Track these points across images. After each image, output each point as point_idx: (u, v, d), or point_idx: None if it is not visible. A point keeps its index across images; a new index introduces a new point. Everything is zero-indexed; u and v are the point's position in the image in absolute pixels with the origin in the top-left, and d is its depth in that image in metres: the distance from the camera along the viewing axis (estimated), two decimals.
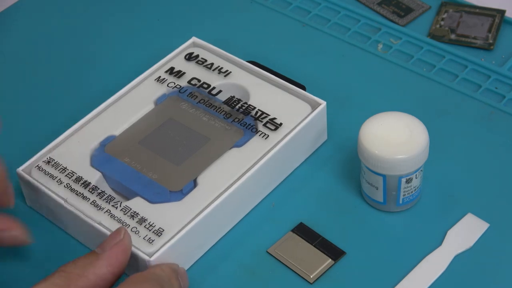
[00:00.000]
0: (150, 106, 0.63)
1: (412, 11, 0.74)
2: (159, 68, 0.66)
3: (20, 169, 0.60)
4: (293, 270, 0.56)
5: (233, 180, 0.58)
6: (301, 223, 0.59)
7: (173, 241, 0.55)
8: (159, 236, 0.55)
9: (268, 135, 0.60)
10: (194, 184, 0.58)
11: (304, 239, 0.58)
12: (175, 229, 0.56)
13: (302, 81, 0.67)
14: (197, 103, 0.63)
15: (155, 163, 0.59)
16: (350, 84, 0.68)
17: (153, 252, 0.54)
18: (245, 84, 0.64)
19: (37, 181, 0.59)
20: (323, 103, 0.62)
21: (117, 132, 0.62)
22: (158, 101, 0.64)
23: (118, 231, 0.53)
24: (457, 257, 0.56)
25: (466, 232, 0.58)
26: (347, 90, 0.68)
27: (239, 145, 0.60)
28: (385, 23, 0.73)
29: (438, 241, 0.57)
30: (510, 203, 0.59)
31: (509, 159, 0.62)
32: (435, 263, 0.56)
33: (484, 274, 0.56)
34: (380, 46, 0.71)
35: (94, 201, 0.57)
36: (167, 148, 0.60)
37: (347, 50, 0.71)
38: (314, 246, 0.57)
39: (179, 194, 0.57)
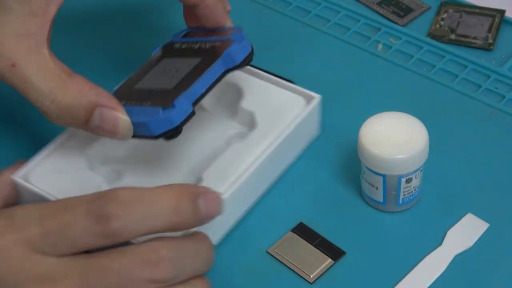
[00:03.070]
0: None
1: (412, 11, 0.74)
2: None
3: (16, 176, 0.58)
4: (293, 270, 0.56)
5: (236, 175, 0.58)
6: (301, 223, 0.59)
7: None
8: None
9: (268, 129, 0.60)
10: (199, 179, 0.58)
11: (304, 239, 0.58)
12: None
13: (302, 81, 0.67)
14: (189, 38, 0.63)
15: (148, 94, 0.58)
16: (350, 84, 0.68)
17: None
18: (237, 81, 0.64)
19: (37, 187, 0.58)
20: (318, 97, 0.62)
21: (116, 86, 0.61)
22: (153, 53, 0.63)
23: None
24: (457, 257, 0.56)
25: (466, 232, 0.58)
26: (347, 90, 0.68)
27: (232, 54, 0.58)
28: (385, 23, 0.73)
29: (438, 241, 0.57)
30: (510, 203, 0.59)
31: (509, 159, 0.62)
32: (435, 263, 0.56)
33: (484, 274, 0.56)
34: (380, 46, 0.71)
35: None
36: (160, 80, 0.59)
37: (347, 50, 0.71)
38: (314, 246, 0.57)
39: (172, 108, 0.54)
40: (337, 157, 0.63)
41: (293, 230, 0.58)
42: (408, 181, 0.57)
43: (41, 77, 0.55)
